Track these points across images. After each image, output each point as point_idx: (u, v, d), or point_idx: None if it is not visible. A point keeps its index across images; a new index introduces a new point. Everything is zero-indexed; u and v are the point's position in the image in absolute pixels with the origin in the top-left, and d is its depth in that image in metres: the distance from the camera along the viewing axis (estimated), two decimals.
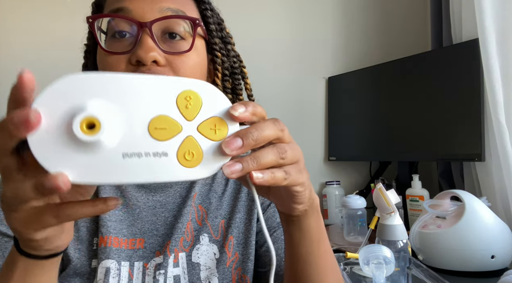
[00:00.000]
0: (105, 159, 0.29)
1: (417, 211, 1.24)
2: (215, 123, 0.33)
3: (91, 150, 0.29)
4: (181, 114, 0.32)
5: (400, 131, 1.37)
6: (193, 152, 0.32)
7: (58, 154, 0.28)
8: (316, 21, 1.66)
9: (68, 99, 0.29)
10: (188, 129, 0.32)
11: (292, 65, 1.66)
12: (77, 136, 0.28)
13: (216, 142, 0.33)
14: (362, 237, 1.15)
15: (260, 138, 0.34)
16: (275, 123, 0.35)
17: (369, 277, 0.70)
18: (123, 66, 0.51)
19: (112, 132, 0.29)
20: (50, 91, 0.29)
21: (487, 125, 1.11)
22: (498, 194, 1.08)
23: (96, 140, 0.28)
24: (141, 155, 0.30)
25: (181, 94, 0.32)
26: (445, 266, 0.91)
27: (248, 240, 0.62)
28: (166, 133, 0.31)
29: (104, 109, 0.29)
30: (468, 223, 0.89)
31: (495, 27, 1.08)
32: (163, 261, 0.56)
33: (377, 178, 1.51)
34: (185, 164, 0.31)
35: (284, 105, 1.64)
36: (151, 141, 0.31)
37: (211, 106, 0.33)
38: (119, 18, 0.52)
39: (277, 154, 0.35)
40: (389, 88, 1.42)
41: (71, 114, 0.29)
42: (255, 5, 1.65)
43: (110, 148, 0.30)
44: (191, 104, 0.32)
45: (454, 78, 1.19)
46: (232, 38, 0.65)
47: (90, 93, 0.30)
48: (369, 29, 1.64)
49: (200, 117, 0.33)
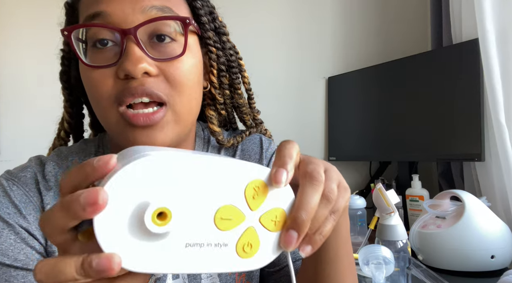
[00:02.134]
0: (167, 248, 0.28)
1: (417, 211, 1.24)
2: (276, 214, 0.32)
3: (156, 239, 0.27)
4: (247, 205, 0.30)
5: (400, 131, 1.37)
6: (252, 243, 0.31)
7: (121, 240, 0.27)
8: (316, 21, 1.66)
9: (139, 185, 0.27)
10: (250, 220, 0.31)
11: (292, 65, 1.66)
12: (148, 228, 0.26)
13: (274, 232, 0.31)
14: (362, 237, 1.15)
15: (310, 220, 0.32)
16: (318, 189, 0.33)
17: (368, 277, 0.70)
18: (111, 82, 0.46)
19: (181, 223, 0.28)
20: (121, 175, 0.27)
21: (487, 125, 1.11)
22: (498, 194, 1.08)
23: (165, 232, 0.27)
24: (203, 245, 0.29)
25: (250, 183, 0.31)
26: (445, 266, 0.91)
27: None
28: (230, 223, 0.30)
29: (175, 198, 0.28)
30: (468, 223, 0.89)
31: (495, 27, 1.08)
32: (162, 275, 0.53)
33: (377, 178, 1.51)
34: (242, 255, 0.30)
35: (284, 105, 1.64)
36: (215, 231, 0.29)
37: (275, 198, 0.32)
38: (98, 27, 0.46)
39: (329, 208, 0.33)
40: (389, 88, 1.42)
41: (140, 202, 0.27)
42: (255, 5, 1.65)
43: (175, 237, 0.28)
44: (258, 195, 0.31)
45: (454, 78, 1.19)
46: (226, 27, 0.59)
47: (162, 180, 0.28)
48: (369, 29, 1.64)
49: (264, 208, 0.31)
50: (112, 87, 0.46)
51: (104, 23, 0.46)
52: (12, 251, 0.47)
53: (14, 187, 0.50)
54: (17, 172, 0.52)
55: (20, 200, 0.49)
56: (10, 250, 0.47)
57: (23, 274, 0.47)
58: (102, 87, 0.47)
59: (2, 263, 0.47)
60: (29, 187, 0.51)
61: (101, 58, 0.47)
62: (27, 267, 0.47)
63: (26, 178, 0.52)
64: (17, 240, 0.48)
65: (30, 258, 0.48)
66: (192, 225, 0.29)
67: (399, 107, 1.37)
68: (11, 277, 0.46)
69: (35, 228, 0.49)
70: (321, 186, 0.33)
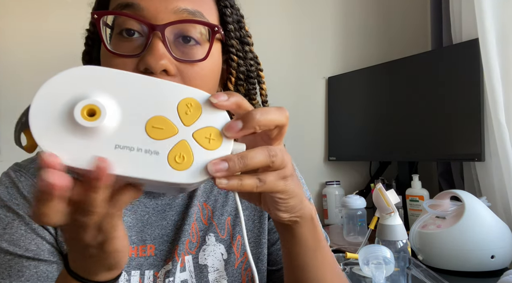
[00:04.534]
0: (97, 146, 0.30)
1: (417, 211, 1.24)
2: (210, 133, 0.33)
3: (87, 136, 0.30)
4: (180, 119, 0.33)
5: (400, 131, 1.37)
6: (184, 155, 0.32)
7: (56, 136, 0.30)
8: (316, 21, 1.66)
9: (73, 87, 0.30)
10: (183, 134, 0.32)
11: (292, 65, 1.66)
12: (77, 121, 0.29)
13: (209, 151, 0.33)
14: (362, 237, 1.15)
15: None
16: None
17: (368, 277, 0.70)
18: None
19: (110, 123, 0.30)
20: (58, 78, 0.31)
21: (487, 125, 1.11)
22: (498, 194, 1.08)
23: (94, 127, 0.29)
24: (133, 149, 0.31)
25: (183, 100, 0.33)
26: (445, 266, 0.91)
27: (258, 238, 0.58)
28: (161, 133, 0.32)
29: (106, 101, 0.31)
30: (468, 223, 0.89)
31: (495, 27, 1.08)
32: (171, 267, 0.53)
33: (377, 178, 1.51)
34: (174, 165, 0.32)
35: (284, 105, 1.62)
36: (145, 138, 0.31)
37: (210, 117, 0.34)
38: (129, 17, 0.46)
39: (267, 157, 0.34)
40: (389, 88, 1.42)
41: (75, 101, 0.30)
42: (255, 5, 1.65)
43: (105, 137, 0.30)
44: (191, 111, 0.33)
45: (454, 78, 1.19)
46: (251, 37, 0.60)
47: (95, 85, 0.31)
48: (369, 29, 1.64)
49: (197, 125, 0.33)
50: None
51: (135, 14, 0.46)
52: (24, 242, 0.48)
53: (22, 178, 0.51)
54: (26, 163, 0.53)
55: (29, 190, 0.50)
56: (22, 240, 0.48)
57: (35, 264, 0.48)
58: None
59: (14, 253, 0.47)
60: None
61: (124, 47, 0.47)
62: (38, 257, 0.48)
63: (35, 169, 0.52)
64: (28, 230, 0.48)
65: (41, 248, 0.48)
66: (122, 127, 0.31)
67: (399, 107, 1.37)
68: (23, 267, 0.47)
69: None
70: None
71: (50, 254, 0.49)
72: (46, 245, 0.49)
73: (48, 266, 0.48)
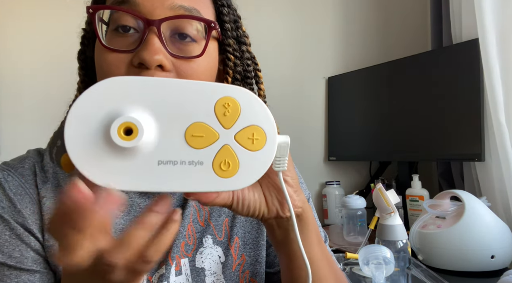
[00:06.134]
0: (140, 165, 0.29)
1: (417, 211, 1.24)
2: (253, 132, 0.31)
3: (126, 156, 0.28)
4: (219, 122, 0.31)
5: (400, 131, 1.37)
6: (230, 161, 0.31)
7: (93, 158, 0.28)
8: (316, 21, 1.66)
9: (106, 103, 0.29)
10: (225, 138, 0.31)
11: (292, 65, 1.66)
12: (114, 141, 0.27)
13: (253, 152, 0.31)
14: (362, 237, 1.15)
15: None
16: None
17: (368, 277, 0.70)
18: (123, 68, 0.46)
19: (149, 139, 0.29)
20: (89, 94, 0.29)
21: (487, 125, 1.11)
22: (498, 194, 1.08)
23: (133, 147, 0.28)
24: (176, 163, 0.30)
25: (219, 100, 0.31)
26: (445, 266, 0.91)
27: (256, 240, 0.57)
28: (202, 141, 0.30)
29: (142, 115, 0.29)
30: (468, 223, 0.89)
31: (495, 27, 1.08)
32: (165, 271, 0.51)
33: (377, 178, 1.51)
34: (220, 174, 0.30)
35: (284, 105, 1.63)
36: (187, 149, 0.30)
37: (250, 115, 0.31)
38: (125, 12, 0.46)
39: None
40: (389, 88, 1.42)
41: (109, 119, 0.28)
42: (254, 5, 1.65)
43: (146, 154, 0.29)
44: (229, 112, 0.31)
45: (454, 78, 1.19)
46: (248, 37, 0.59)
47: (128, 98, 0.29)
48: (369, 29, 1.64)
49: (238, 126, 0.31)
50: (123, 73, 0.46)
51: (131, 10, 0.46)
52: (7, 248, 0.46)
53: (10, 177, 0.49)
54: (14, 163, 0.52)
55: (16, 192, 0.48)
56: (5, 246, 0.46)
57: (16, 274, 0.46)
58: (114, 71, 0.46)
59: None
60: (26, 178, 0.50)
61: (119, 43, 0.46)
62: (20, 267, 0.46)
63: (23, 168, 0.51)
64: (12, 236, 0.47)
65: (25, 256, 0.47)
66: (162, 142, 0.29)
67: (399, 107, 1.37)
68: (4, 276, 0.46)
69: (31, 222, 0.48)
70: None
71: (33, 262, 0.47)
72: (30, 252, 0.47)
73: (30, 275, 0.47)
